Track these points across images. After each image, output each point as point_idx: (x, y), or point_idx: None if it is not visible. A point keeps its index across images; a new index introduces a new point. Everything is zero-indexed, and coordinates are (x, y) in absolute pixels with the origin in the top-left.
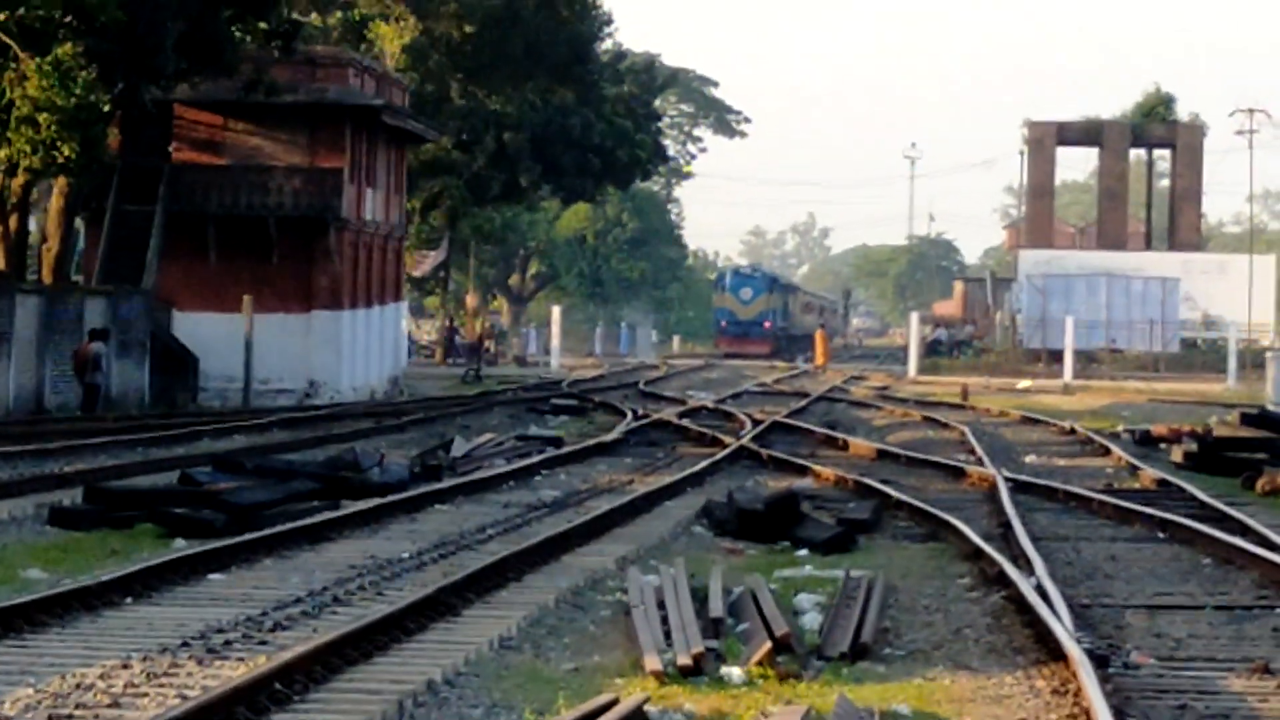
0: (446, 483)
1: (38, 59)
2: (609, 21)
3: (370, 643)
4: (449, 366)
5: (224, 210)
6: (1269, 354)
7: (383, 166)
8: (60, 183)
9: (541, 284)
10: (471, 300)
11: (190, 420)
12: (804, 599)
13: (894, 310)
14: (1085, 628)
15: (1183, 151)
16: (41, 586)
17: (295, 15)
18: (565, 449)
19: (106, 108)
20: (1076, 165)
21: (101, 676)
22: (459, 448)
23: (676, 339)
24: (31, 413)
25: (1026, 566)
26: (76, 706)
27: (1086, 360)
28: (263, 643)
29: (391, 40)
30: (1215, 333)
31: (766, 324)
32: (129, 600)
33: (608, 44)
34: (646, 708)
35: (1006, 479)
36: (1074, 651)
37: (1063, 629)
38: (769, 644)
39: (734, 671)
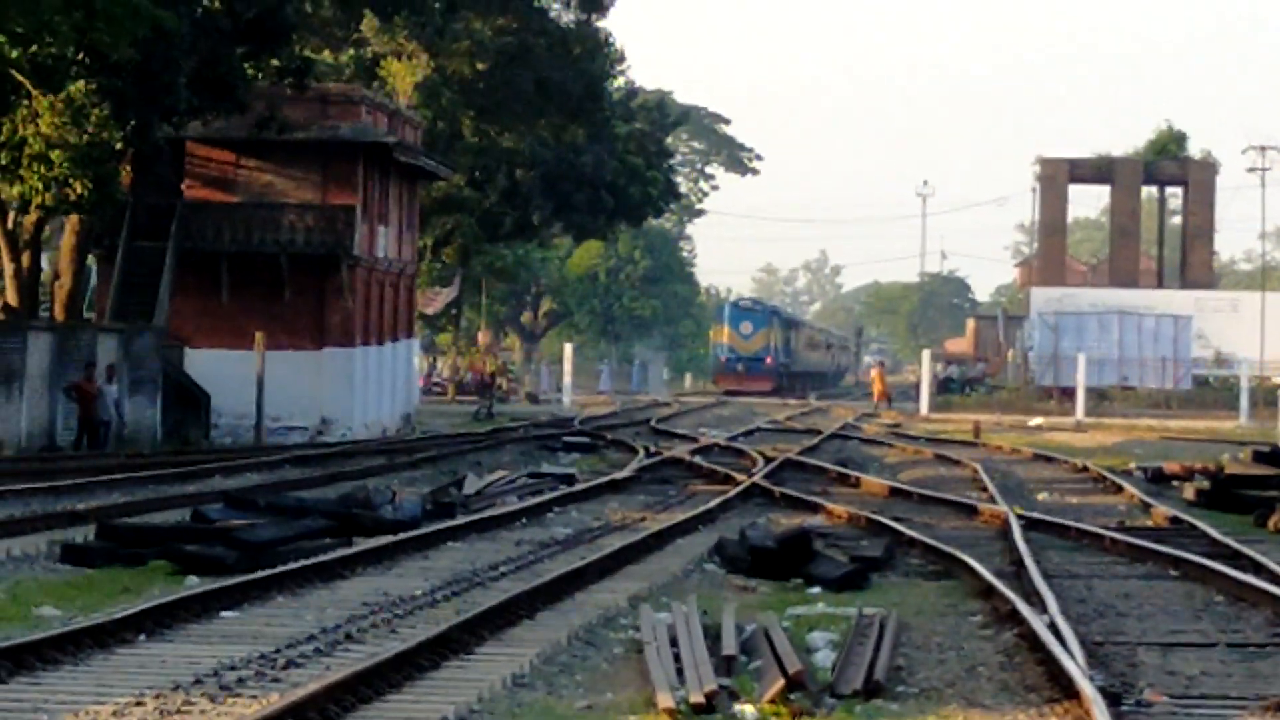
0: (459, 520)
1: (50, 96)
2: (621, 59)
3: (383, 680)
4: (459, 404)
5: (236, 247)
6: None
7: (395, 204)
8: (72, 220)
9: (553, 321)
10: (483, 337)
11: (202, 457)
12: (817, 636)
13: (906, 347)
14: (1098, 665)
15: (1195, 189)
16: (54, 624)
17: (308, 53)
18: (577, 486)
19: (119, 145)
20: (1088, 202)
21: (115, 714)
22: (471, 485)
23: (689, 376)
24: (43, 449)
25: (1039, 604)
26: None
27: (1099, 398)
28: (275, 680)
29: (404, 78)
30: (1227, 370)
31: (768, 360)
32: (142, 637)
33: (619, 82)
34: None
35: (1019, 516)
36: (1087, 689)
37: (1076, 667)
38: (782, 681)
39: (747, 709)
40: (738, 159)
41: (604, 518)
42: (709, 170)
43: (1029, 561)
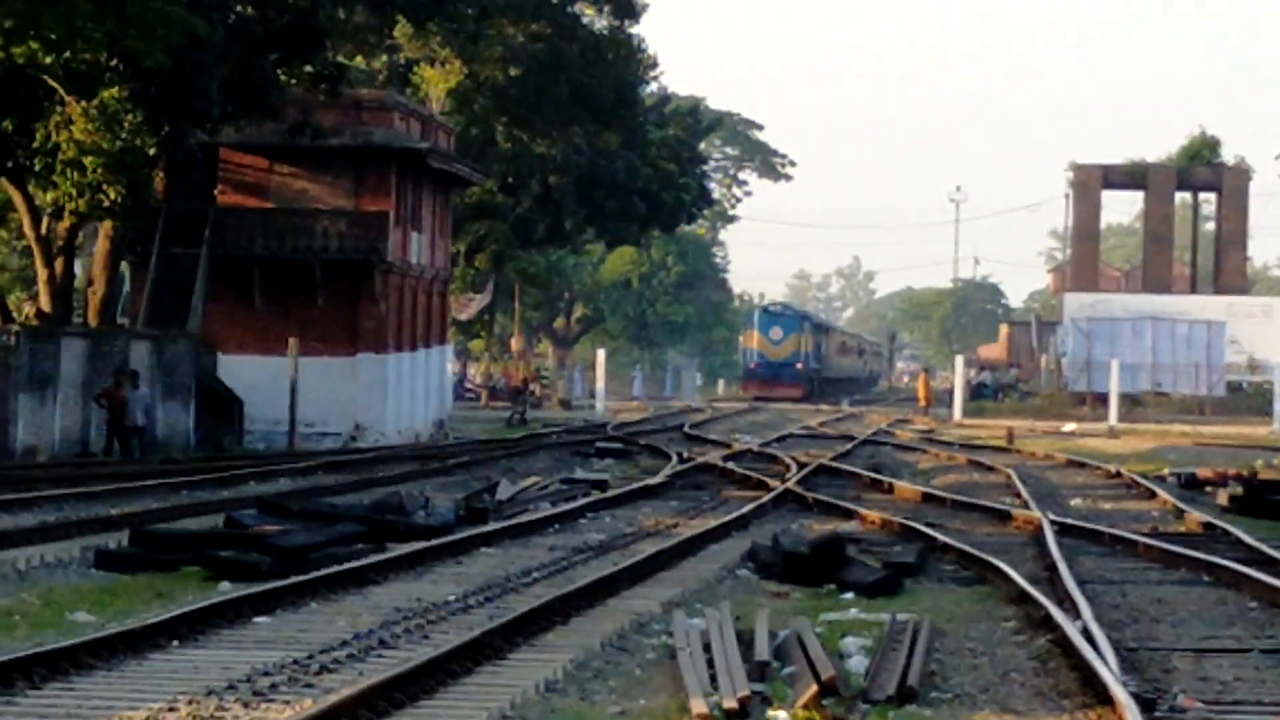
0: (492, 526)
1: (84, 103)
2: (654, 65)
3: (416, 686)
4: (492, 410)
5: (269, 253)
6: None
7: (428, 210)
8: (106, 226)
9: (586, 327)
10: (516, 343)
11: (235, 463)
12: (850, 642)
13: (939, 353)
14: (1131, 671)
15: (1228, 194)
16: (88, 630)
17: (341, 59)
18: (610, 492)
19: (152, 151)
20: (1122, 208)
21: (148, 719)
22: (504, 491)
23: (721, 382)
24: (77, 455)
25: (1072, 610)
26: None
27: (1132, 403)
28: (308, 686)
29: (437, 84)
30: (1261, 376)
31: (799, 365)
32: (175, 643)
33: (652, 88)
34: None
35: (1052, 522)
36: (1120, 695)
37: (1109, 672)
38: (815, 687)
39: (780, 715)
40: (771, 165)
41: (637, 523)
42: (742, 176)
43: (1062, 567)
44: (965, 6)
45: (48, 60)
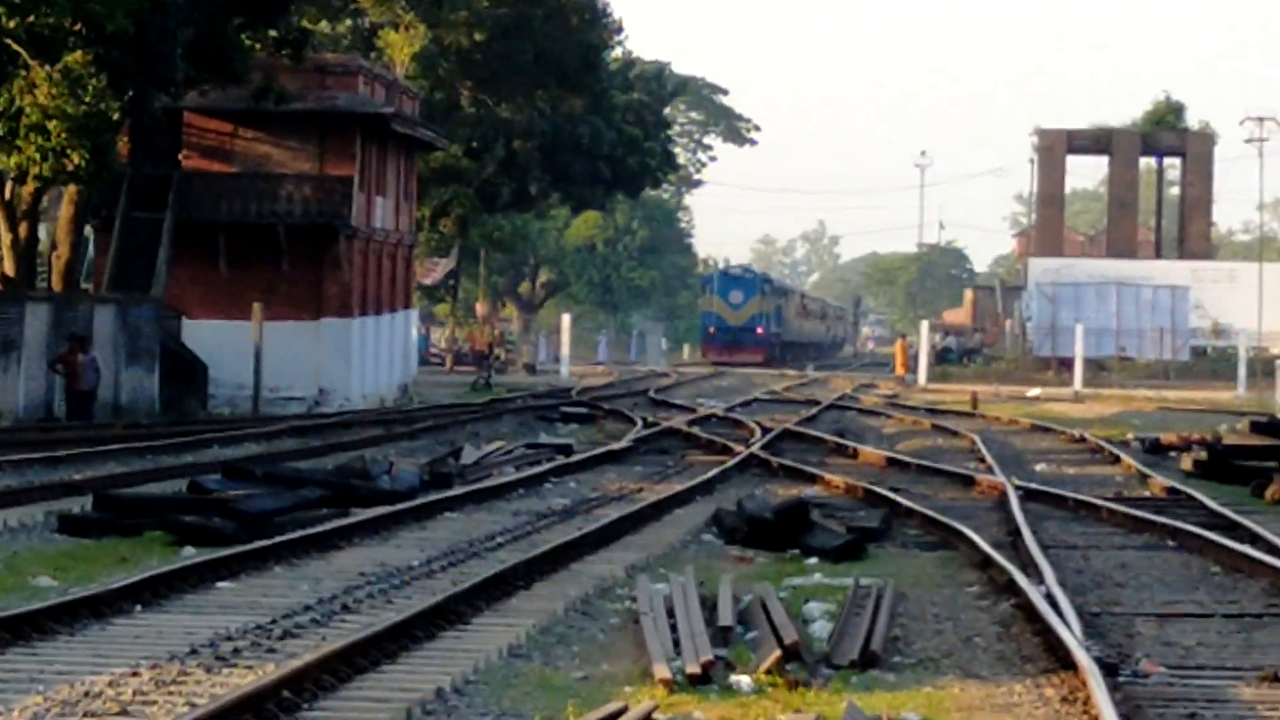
0: (456, 490)
1: (47, 67)
2: (619, 30)
3: (379, 651)
4: (457, 374)
5: (234, 218)
6: (1279, 362)
7: (393, 174)
8: (70, 191)
9: (551, 292)
10: (481, 308)
11: (200, 428)
12: (813, 607)
13: (904, 318)
14: (1095, 636)
15: (1193, 160)
16: (51, 594)
17: (305, 23)
18: (575, 457)
19: (116, 116)
20: (1086, 173)
21: (110, 684)
22: (468, 455)
23: (686, 347)
24: (40, 420)
25: (1036, 575)
26: (85, 714)
27: (1096, 368)
28: (272, 651)
29: (401, 48)
30: (1225, 341)
31: (759, 330)
32: (138, 608)
33: (617, 52)
34: (655, 715)
35: (1016, 487)
36: (1083, 660)
37: (1072, 637)
38: (778, 652)
39: (743, 680)
40: (736, 129)
41: (601, 488)
42: (707, 141)
43: (1026, 532)
44: None
45: (11, 24)
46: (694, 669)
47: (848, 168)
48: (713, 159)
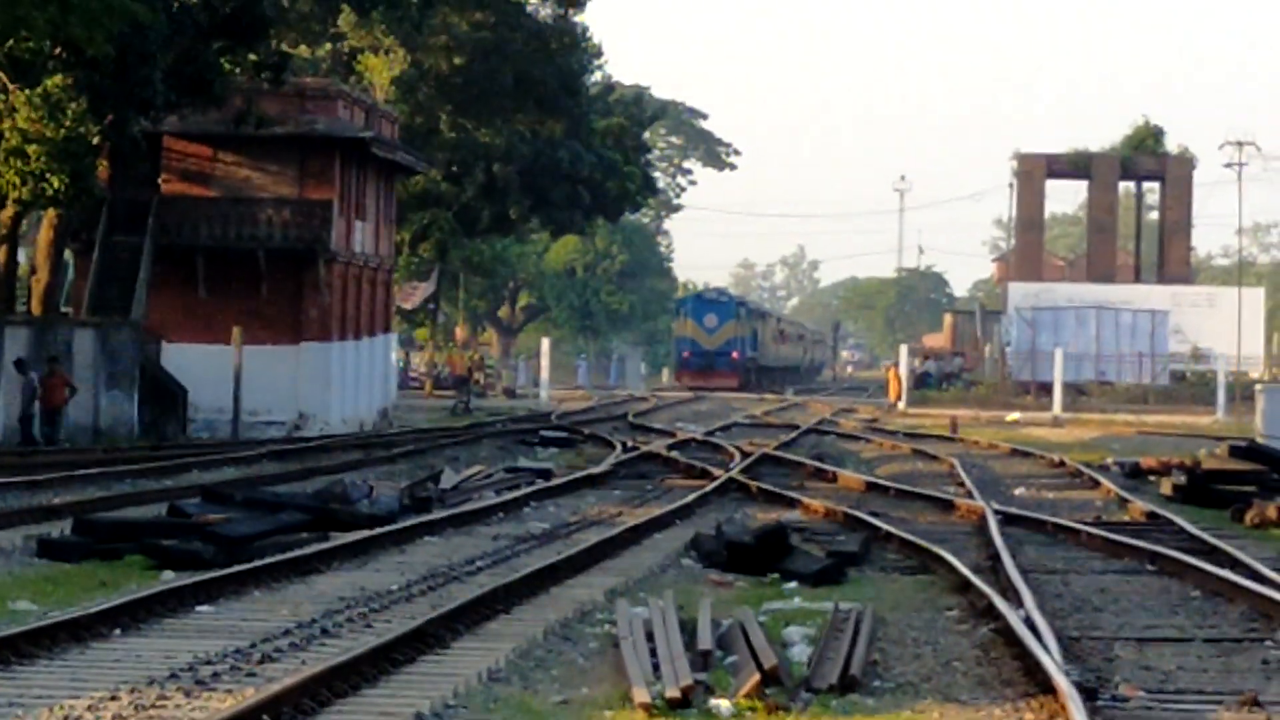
0: (435, 515)
1: (27, 91)
2: (598, 54)
3: (358, 675)
4: (437, 399)
5: (213, 242)
6: (1258, 387)
7: (372, 198)
8: (49, 214)
9: (531, 316)
10: (461, 332)
11: (179, 452)
12: (793, 631)
13: (883, 343)
14: (1074, 660)
15: (1172, 184)
16: (30, 618)
17: (284, 47)
18: (554, 481)
19: (96, 139)
20: (1065, 198)
21: (89, 708)
22: (448, 480)
23: (666, 371)
24: (20, 444)
25: (1015, 599)
26: None
27: (1076, 393)
28: (251, 675)
29: (381, 72)
30: (1204, 365)
31: (734, 354)
32: (117, 632)
33: (597, 76)
34: None
35: (995, 511)
36: (1063, 684)
37: (1051, 661)
38: (757, 676)
39: (722, 704)
40: (715, 154)
41: (581, 513)
42: (687, 165)
43: (1005, 556)
44: None
45: None
46: (674, 693)
47: (827, 192)
48: (692, 183)
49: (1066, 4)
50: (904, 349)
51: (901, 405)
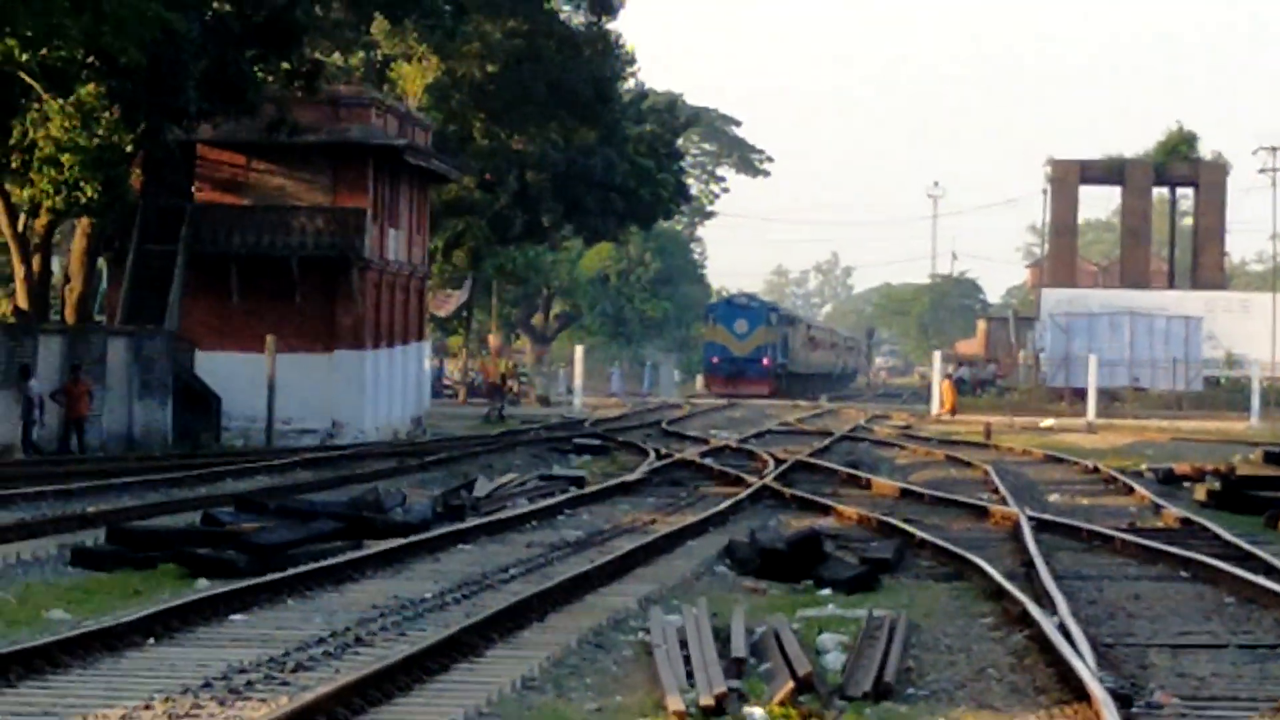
0: (469, 523)
1: (60, 100)
2: (631, 61)
3: (392, 683)
4: (470, 406)
5: (247, 250)
6: None
7: (405, 206)
8: (83, 223)
9: (564, 323)
10: (494, 340)
11: (213, 460)
12: (827, 638)
13: (917, 349)
14: (1108, 667)
15: (1206, 190)
16: (64, 627)
17: (318, 55)
18: (588, 489)
19: (129, 148)
20: (1099, 204)
21: (123, 718)
22: (482, 488)
23: (700, 378)
24: (55, 453)
25: (1049, 606)
26: None
27: (1110, 399)
28: (284, 683)
29: (414, 80)
30: (1238, 371)
31: (765, 360)
32: (151, 641)
33: (630, 83)
34: None
35: (1029, 518)
36: (1097, 691)
37: (1086, 668)
38: (791, 684)
39: (756, 711)
40: (748, 160)
41: (614, 520)
42: (720, 172)
43: (1039, 563)
44: (942, 2)
45: (24, 57)
46: (707, 701)
47: (861, 199)
48: (725, 190)
49: (1100, 10)
50: (938, 355)
51: (954, 416)
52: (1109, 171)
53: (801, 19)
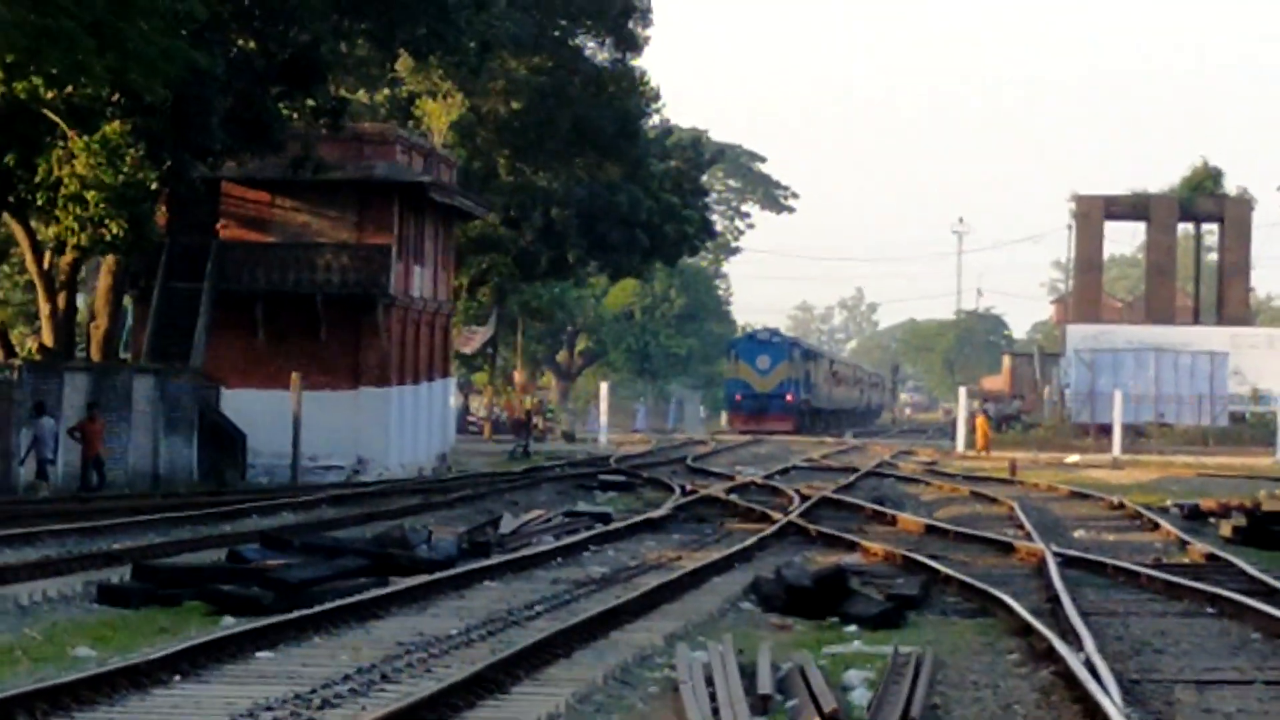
0: (495, 559)
1: (86, 137)
2: (656, 98)
3: None
4: (495, 443)
5: (272, 287)
6: None
7: (431, 243)
8: (108, 261)
9: (589, 360)
10: (519, 376)
11: (238, 497)
12: (852, 675)
13: (942, 385)
14: (1135, 703)
15: (1231, 225)
16: (90, 665)
17: (343, 92)
18: (613, 525)
19: (154, 185)
20: (1124, 239)
21: None
22: (507, 524)
23: (725, 414)
24: (78, 490)
25: (1075, 642)
26: None
27: (1135, 434)
28: None
29: (439, 117)
30: (1263, 407)
31: (788, 396)
32: (177, 678)
33: (655, 120)
34: None
35: (1055, 554)
36: None
37: (1112, 705)
38: None
39: None
40: (773, 197)
41: (640, 556)
42: (745, 208)
43: (1065, 599)
44: (966, 38)
45: (49, 95)
46: None
47: (885, 235)
48: (750, 226)
49: (1125, 46)
50: (963, 391)
51: (989, 454)
52: (1134, 207)
53: (826, 56)
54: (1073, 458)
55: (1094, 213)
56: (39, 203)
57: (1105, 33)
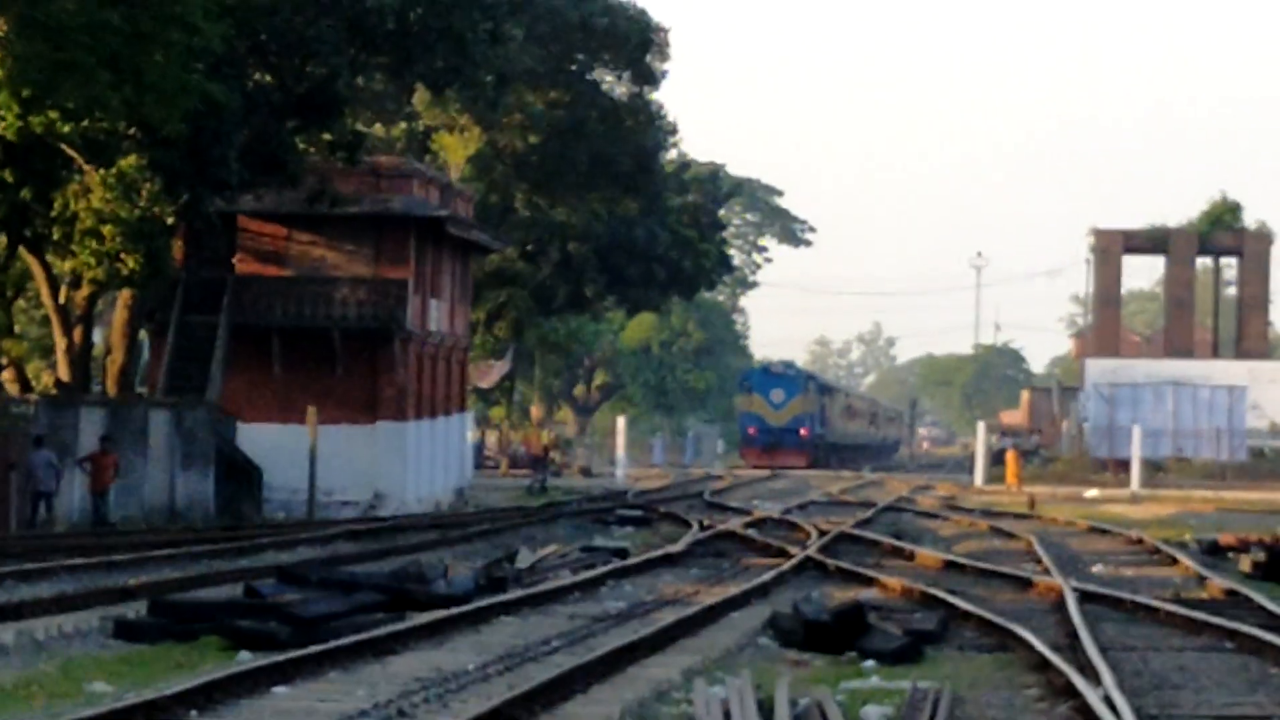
0: (512, 594)
1: (102, 171)
2: (673, 132)
3: None
4: (512, 478)
5: (288, 321)
6: None
7: (447, 277)
8: (124, 295)
9: (607, 394)
10: (536, 411)
11: (255, 532)
12: (871, 711)
13: (960, 419)
14: None
15: (1250, 259)
16: (106, 700)
17: (359, 126)
18: (631, 560)
19: (170, 219)
20: (1143, 273)
21: None
22: (524, 559)
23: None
24: (94, 524)
25: (1094, 677)
26: None
27: (1154, 469)
28: None
29: (456, 151)
30: None
31: (803, 431)
32: (194, 713)
33: (672, 154)
34: None
35: (1074, 589)
36: None
37: None
38: None
39: None
40: (791, 231)
41: (657, 591)
42: (762, 242)
43: (1084, 634)
44: (985, 73)
45: (66, 129)
46: None
47: (903, 269)
48: (768, 260)
49: (1144, 80)
50: (982, 426)
51: (1020, 488)
52: (1153, 241)
53: (843, 90)
54: (1091, 492)
55: (1113, 247)
56: (55, 237)
57: (1124, 67)
